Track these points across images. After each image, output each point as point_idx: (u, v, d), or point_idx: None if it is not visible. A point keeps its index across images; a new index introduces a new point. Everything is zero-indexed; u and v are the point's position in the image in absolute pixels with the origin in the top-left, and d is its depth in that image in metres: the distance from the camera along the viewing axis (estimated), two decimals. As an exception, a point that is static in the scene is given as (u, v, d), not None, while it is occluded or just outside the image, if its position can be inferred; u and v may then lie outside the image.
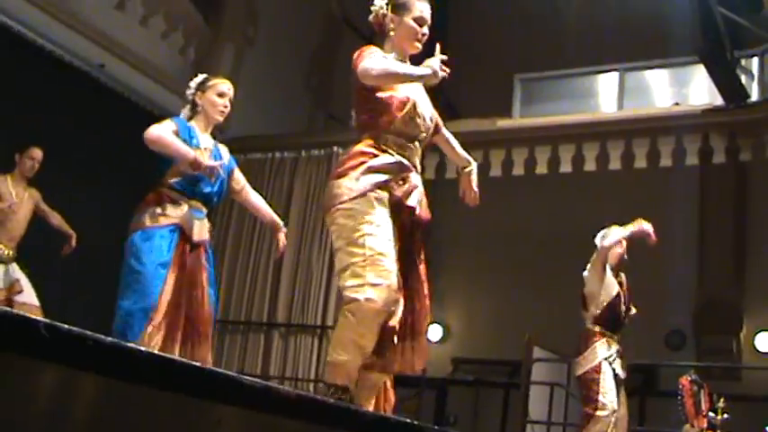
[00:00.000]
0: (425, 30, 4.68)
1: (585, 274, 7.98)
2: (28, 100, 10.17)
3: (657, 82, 13.06)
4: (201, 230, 5.83)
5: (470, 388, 14.28)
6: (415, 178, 4.55)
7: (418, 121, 4.59)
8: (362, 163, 4.42)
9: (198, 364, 1.84)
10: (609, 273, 7.94)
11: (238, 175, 6.21)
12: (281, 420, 1.97)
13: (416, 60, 4.63)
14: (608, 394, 7.54)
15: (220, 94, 6.03)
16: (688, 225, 14.07)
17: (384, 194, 4.39)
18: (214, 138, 6.15)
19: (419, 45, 4.70)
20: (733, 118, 11.03)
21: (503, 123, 12.48)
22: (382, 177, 4.41)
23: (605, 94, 13.04)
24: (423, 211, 4.58)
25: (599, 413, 7.47)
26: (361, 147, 4.51)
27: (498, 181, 12.61)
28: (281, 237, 6.20)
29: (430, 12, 4.72)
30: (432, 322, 15.91)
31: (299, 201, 12.44)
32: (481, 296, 15.70)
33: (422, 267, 4.63)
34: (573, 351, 8.23)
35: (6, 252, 8.46)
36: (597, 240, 7.96)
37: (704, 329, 13.90)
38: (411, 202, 4.47)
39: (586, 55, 13.47)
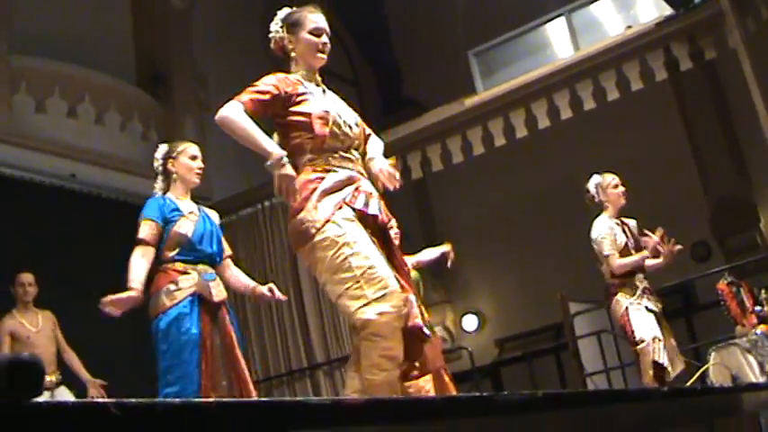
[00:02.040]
0: (324, 38, 4.65)
1: (594, 239, 7.90)
2: (8, 231, 10.14)
3: (604, 13, 13.10)
4: (219, 290, 5.80)
5: (521, 363, 14.26)
6: (365, 185, 4.45)
7: (345, 130, 4.50)
8: (314, 190, 4.30)
9: (263, 399, 1.87)
10: (612, 224, 7.90)
11: (225, 244, 6.14)
12: (355, 429, 2.00)
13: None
14: (641, 326, 7.53)
15: (193, 157, 5.99)
16: (677, 140, 14.09)
17: (347, 211, 4.28)
18: (196, 202, 6.10)
19: (322, 55, 4.65)
20: (686, 23, 11.09)
21: (470, 101, 12.54)
22: (338, 196, 4.30)
23: (559, 41, 13.10)
24: (383, 215, 4.46)
25: (640, 347, 7.49)
26: (304, 176, 4.37)
27: (481, 158, 12.66)
28: (270, 288, 6.04)
29: (324, 20, 4.70)
30: (464, 313, 16.08)
31: (302, 239, 12.46)
32: (504, 272, 15.72)
33: (405, 269, 4.50)
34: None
35: (49, 378, 8.32)
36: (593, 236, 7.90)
37: (724, 232, 13.88)
38: (372, 210, 4.36)
39: (530, 9, 13.50)
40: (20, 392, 1.36)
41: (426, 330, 4.30)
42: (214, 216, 6.09)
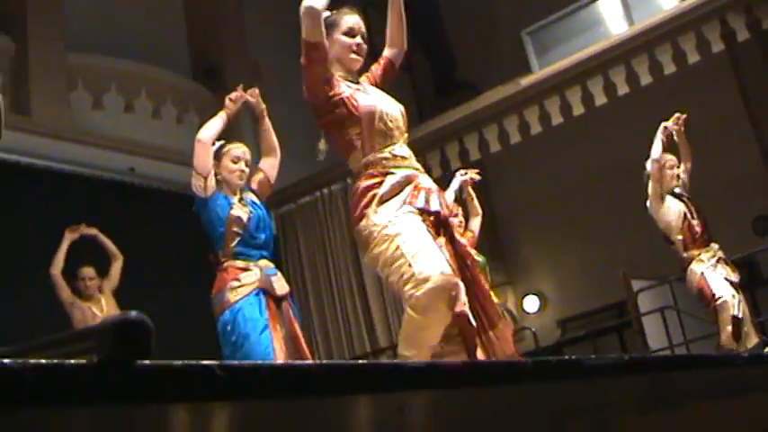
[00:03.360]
0: (359, 39, 4.63)
1: (648, 207, 8.02)
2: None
3: (657, -15, 12.96)
4: (281, 284, 5.87)
5: (585, 342, 14.19)
6: (424, 181, 4.44)
7: (391, 125, 4.49)
8: (373, 197, 4.30)
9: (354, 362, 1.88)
10: (668, 198, 7.97)
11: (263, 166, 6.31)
12: (449, 392, 2.00)
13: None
14: (718, 285, 7.63)
15: (235, 159, 6.08)
16: (735, 112, 13.91)
17: (407, 209, 4.27)
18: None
19: (357, 56, 4.64)
20: (743, -9, 10.98)
21: (526, 81, 12.48)
22: (397, 201, 4.29)
23: (612, 17, 12.97)
24: (445, 209, 4.42)
25: (719, 302, 7.53)
26: (363, 182, 4.38)
27: (538, 138, 12.61)
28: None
29: (360, 21, 4.69)
30: (526, 294, 16.04)
31: (362, 224, 12.51)
32: (564, 252, 15.65)
33: (470, 262, 4.49)
34: (671, 271, 8.26)
35: None
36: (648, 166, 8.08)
37: (786, 205, 13.74)
38: (433, 206, 4.32)
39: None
40: (129, 353, 1.36)
41: (471, 318, 4.26)
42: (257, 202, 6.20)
